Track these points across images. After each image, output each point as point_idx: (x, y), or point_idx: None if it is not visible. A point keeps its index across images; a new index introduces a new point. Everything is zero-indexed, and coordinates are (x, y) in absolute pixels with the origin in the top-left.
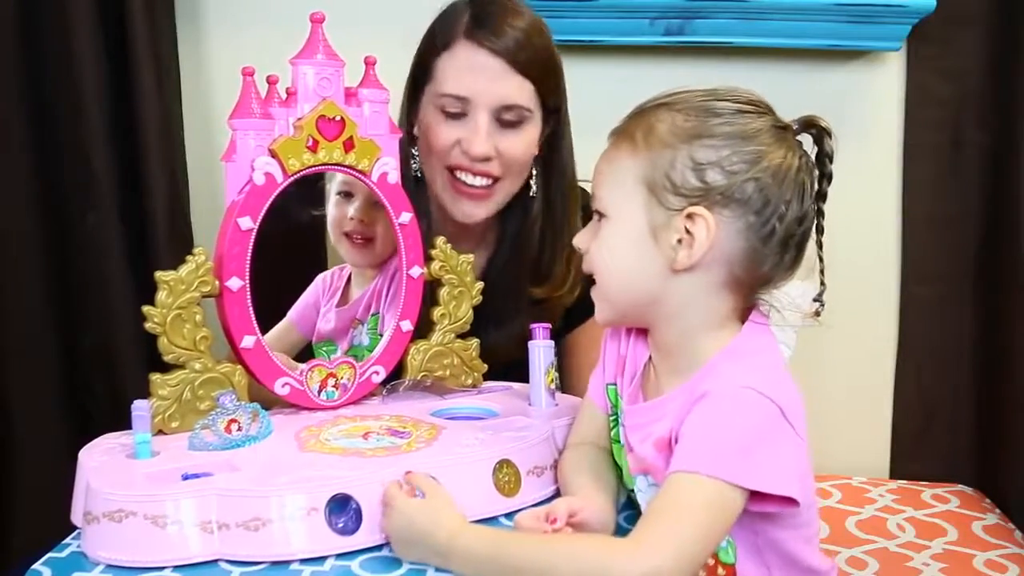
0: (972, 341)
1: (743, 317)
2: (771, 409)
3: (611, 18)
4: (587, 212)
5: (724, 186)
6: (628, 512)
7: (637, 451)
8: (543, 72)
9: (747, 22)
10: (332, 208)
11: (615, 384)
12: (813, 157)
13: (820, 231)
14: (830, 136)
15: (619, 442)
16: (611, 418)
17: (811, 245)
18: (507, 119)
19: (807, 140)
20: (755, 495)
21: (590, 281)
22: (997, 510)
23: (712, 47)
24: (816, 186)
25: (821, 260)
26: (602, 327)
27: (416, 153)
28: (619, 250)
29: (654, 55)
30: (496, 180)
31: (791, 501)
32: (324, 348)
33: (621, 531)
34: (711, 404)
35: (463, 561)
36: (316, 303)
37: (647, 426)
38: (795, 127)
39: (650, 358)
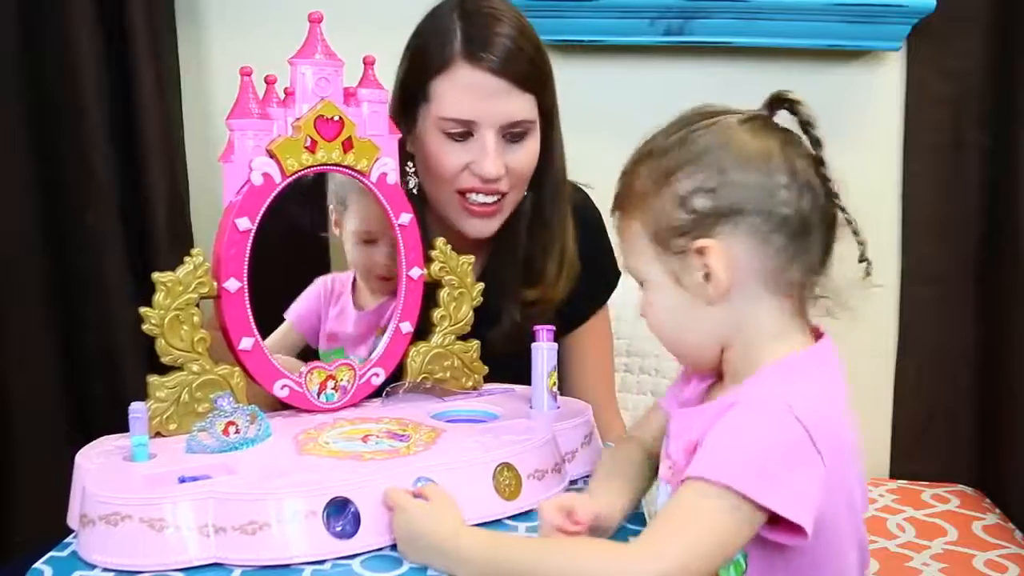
0: (972, 341)
1: (808, 324)
2: (798, 431)
3: (611, 18)
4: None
5: (711, 206)
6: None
7: (672, 457)
8: (541, 81)
9: (747, 22)
10: (355, 253)
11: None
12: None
13: (834, 196)
14: (800, 103)
15: None
16: None
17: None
18: (514, 133)
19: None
20: (768, 520)
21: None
22: (997, 510)
23: (712, 47)
24: (810, 157)
25: (849, 222)
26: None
27: (411, 170)
28: (663, 311)
29: (654, 55)
30: (504, 194)
31: (800, 532)
32: (334, 355)
33: (624, 532)
34: (739, 412)
35: (462, 563)
36: (318, 309)
37: (685, 433)
38: (764, 111)
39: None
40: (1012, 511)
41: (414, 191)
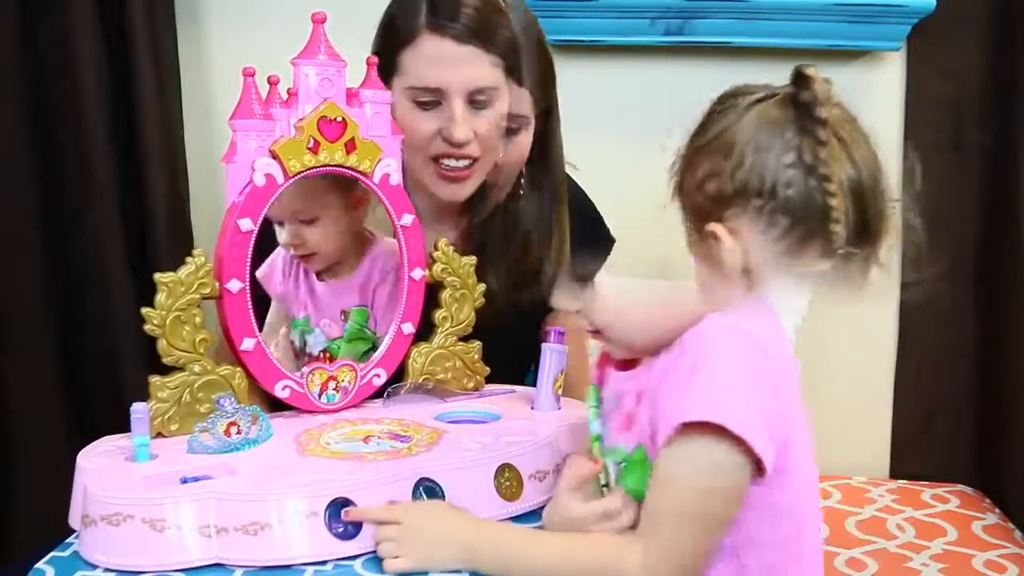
0: (972, 341)
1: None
2: (749, 344)
3: (611, 18)
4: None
5: (719, 190)
6: None
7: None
8: (507, 44)
9: (747, 22)
10: (277, 234)
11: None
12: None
13: (824, 180)
14: (812, 79)
15: (594, 436)
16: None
17: None
18: (479, 100)
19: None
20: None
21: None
22: (997, 510)
23: (712, 47)
24: (812, 136)
25: (830, 212)
26: None
27: None
28: (701, 287)
29: (654, 55)
30: (475, 160)
31: (760, 469)
32: (300, 324)
33: None
34: (683, 347)
35: (491, 554)
36: (284, 281)
37: (632, 390)
38: (790, 88)
39: None
40: (1012, 511)
41: None
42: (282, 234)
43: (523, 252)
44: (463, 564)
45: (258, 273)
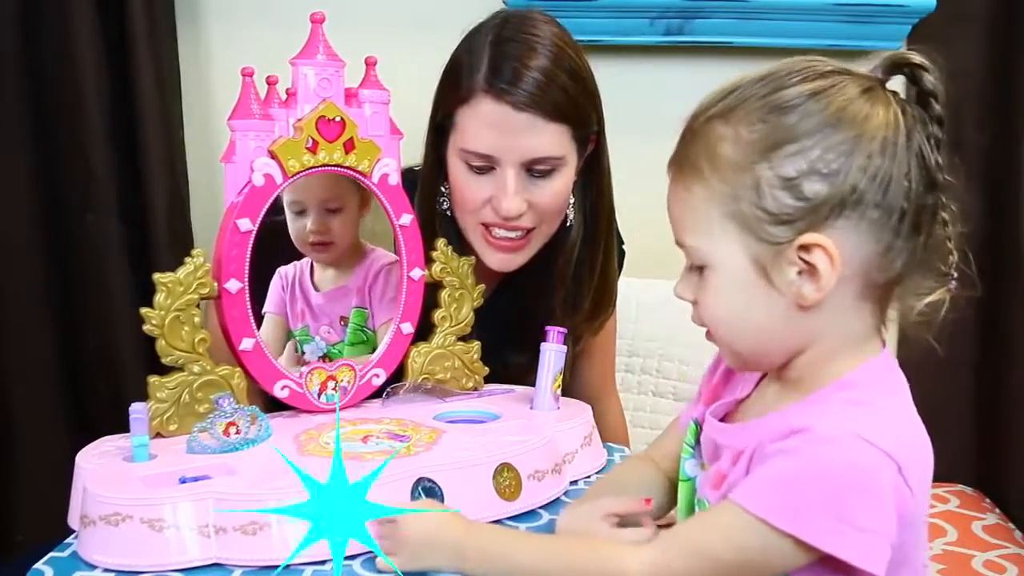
0: (972, 341)
1: (881, 330)
2: (880, 461)
3: (611, 18)
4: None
5: (828, 194)
6: None
7: (721, 468)
8: (576, 111)
9: (747, 22)
10: (290, 223)
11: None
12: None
13: (943, 188)
14: (927, 70)
15: (686, 479)
16: (686, 449)
17: None
18: (539, 170)
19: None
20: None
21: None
22: (997, 510)
23: (712, 47)
24: (933, 140)
25: (946, 223)
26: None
27: (446, 191)
28: (730, 301)
29: (654, 55)
30: (531, 230)
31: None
32: (299, 333)
33: None
34: (803, 443)
35: (478, 556)
36: (283, 296)
37: (735, 444)
38: (880, 76)
39: (760, 380)
40: (1012, 511)
41: (448, 213)
42: (300, 223)
43: (570, 294)
44: (454, 565)
45: (269, 308)
